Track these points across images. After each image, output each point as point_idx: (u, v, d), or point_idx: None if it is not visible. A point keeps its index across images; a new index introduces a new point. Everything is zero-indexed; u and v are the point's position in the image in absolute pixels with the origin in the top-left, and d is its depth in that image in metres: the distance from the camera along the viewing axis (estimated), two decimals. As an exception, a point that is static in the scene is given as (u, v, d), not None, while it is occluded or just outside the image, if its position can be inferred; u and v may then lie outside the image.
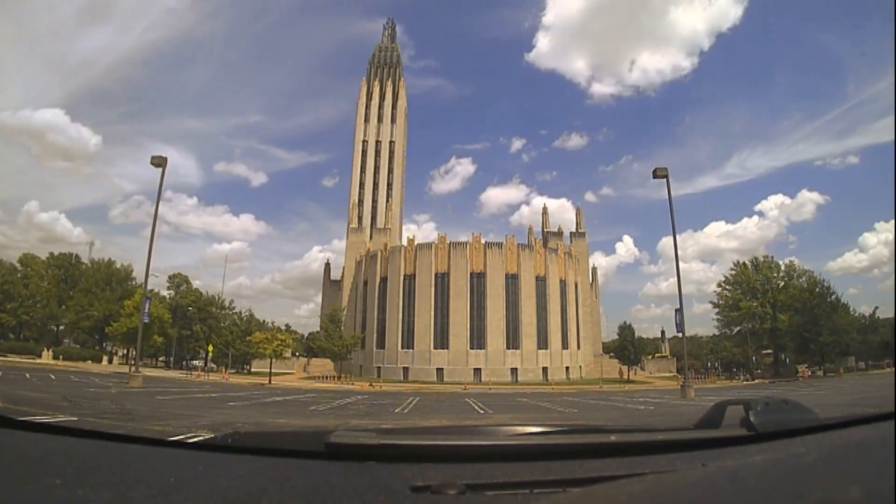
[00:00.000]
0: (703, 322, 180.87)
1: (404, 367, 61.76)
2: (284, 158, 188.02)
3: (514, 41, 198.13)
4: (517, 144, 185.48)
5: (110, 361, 58.86)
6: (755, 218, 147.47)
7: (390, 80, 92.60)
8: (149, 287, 36.23)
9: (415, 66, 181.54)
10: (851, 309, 65.07)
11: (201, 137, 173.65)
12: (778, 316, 62.12)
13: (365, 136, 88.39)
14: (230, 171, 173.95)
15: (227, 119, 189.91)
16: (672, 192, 30.50)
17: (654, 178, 30.61)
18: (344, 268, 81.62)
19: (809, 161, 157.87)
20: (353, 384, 43.78)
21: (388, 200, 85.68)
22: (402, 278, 65.39)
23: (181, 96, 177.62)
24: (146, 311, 31.80)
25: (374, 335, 65.86)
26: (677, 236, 31.33)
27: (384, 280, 67.19)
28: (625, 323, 65.34)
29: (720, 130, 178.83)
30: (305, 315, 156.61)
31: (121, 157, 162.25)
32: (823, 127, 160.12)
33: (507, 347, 62.54)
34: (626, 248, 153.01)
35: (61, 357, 52.44)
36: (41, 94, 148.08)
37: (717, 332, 74.42)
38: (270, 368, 46.15)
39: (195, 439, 1.57)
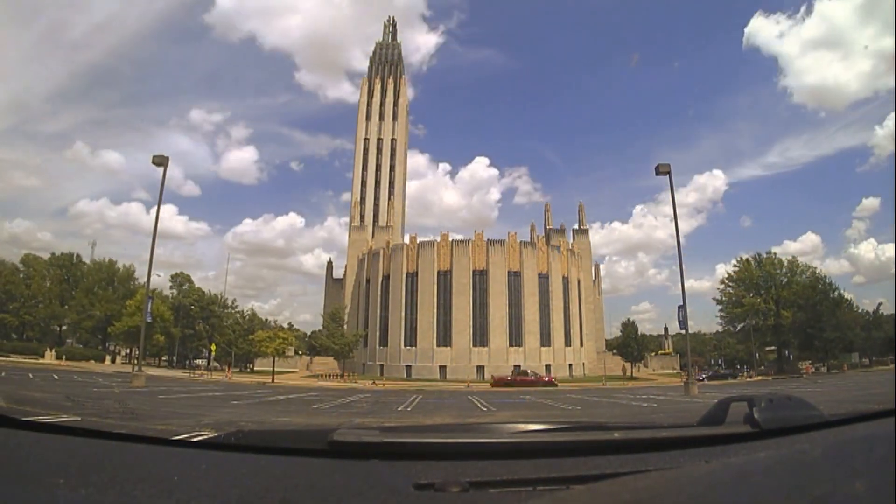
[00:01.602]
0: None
1: (407, 365, 61.86)
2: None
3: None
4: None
5: (113, 361, 59.08)
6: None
7: (391, 77, 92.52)
8: (151, 286, 36.33)
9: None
10: (855, 305, 65.10)
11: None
12: (781, 312, 62.02)
13: (366, 133, 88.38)
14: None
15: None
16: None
17: (657, 174, 30.45)
18: (346, 266, 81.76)
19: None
20: (355, 382, 43.85)
21: (390, 198, 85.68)
22: (404, 276, 65.45)
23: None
24: (149, 310, 31.85)
25: (377, 333, 65.96)
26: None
27: (386, 278, 67.25)
28: (628, 320, 65.35)
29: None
30: (269, 309, 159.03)
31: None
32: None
33: (510, 345, 62.54)
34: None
35: (64, 357, 52.62)
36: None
37: (720, 329, 74.56)
38: (273, 367, 46.23)
39: (198, 438, 1.57)
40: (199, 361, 67.21)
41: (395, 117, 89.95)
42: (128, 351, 66.50)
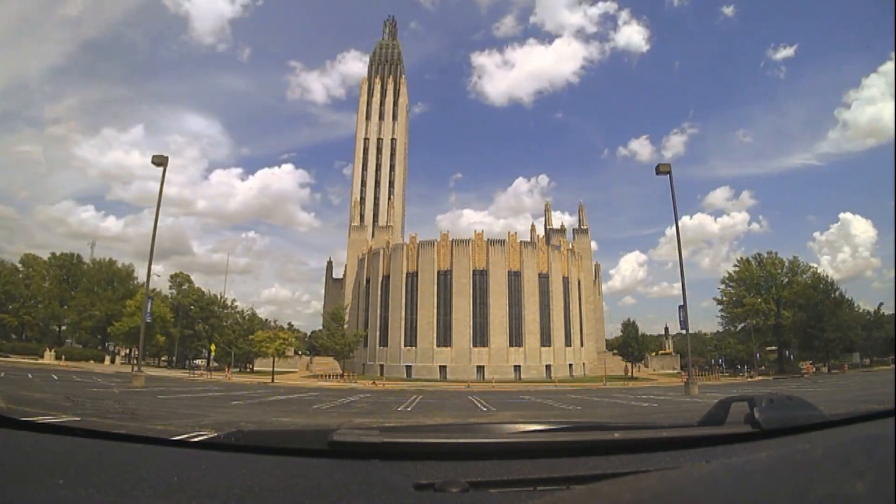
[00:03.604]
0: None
1: (407, 365, 61.80)
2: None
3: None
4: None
5: (113, 361, 59.02)
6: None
7: (391, 77, 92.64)
8: (150, 286, 36.35)
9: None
10: (856, 305, 65.05)
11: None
12: (782, 312, 61.99)
13: (366, 133, 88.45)
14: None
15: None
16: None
17: (657, 174, 30.39)
18: (346, 266, 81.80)
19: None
20: (355, 382, 43.84)
21: (390, 198, 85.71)
22: (404, 276, 65.37)
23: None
24: (148, 310, 31.86)
25: (377, 333, 65.90)
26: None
27: (387, 278, 67.20)
28: (628, 320, 65.31)
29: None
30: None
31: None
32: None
33: (510, 345, 62.46)
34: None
35: (63, 357, 52.57)
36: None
37: (721, 329, 74.50)
38: (273, 367, 46.22)
39: (198, 438, 1.57)
40: (198, 361, 67.20)
41: (394, 117, 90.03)
42: (127, 351, 66.45)
